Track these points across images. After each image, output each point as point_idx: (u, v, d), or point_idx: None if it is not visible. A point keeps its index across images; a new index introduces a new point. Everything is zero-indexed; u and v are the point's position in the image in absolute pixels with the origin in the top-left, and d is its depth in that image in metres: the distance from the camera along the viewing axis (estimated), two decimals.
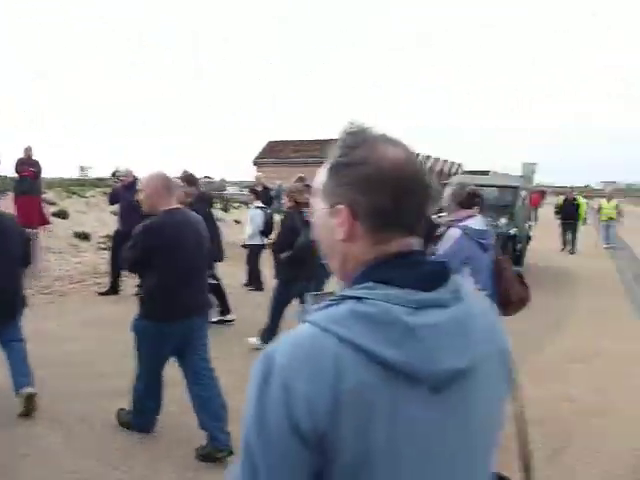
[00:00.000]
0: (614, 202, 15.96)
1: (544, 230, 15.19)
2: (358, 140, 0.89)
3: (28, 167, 11.14)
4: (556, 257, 13.37)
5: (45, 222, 11.09)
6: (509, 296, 3.55)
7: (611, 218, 15.79)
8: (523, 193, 10.95)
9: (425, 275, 0.85)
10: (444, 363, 0.80)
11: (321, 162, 0.91)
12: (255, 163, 23.74)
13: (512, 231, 9.59)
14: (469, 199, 3.67)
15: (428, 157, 32.64)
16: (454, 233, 3.51)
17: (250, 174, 24.89)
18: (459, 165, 40.05)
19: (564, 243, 14.83)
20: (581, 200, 15.33)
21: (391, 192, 0.84)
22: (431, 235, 3.86)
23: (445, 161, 36.97)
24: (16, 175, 11.40)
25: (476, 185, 10.61)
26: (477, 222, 3.61)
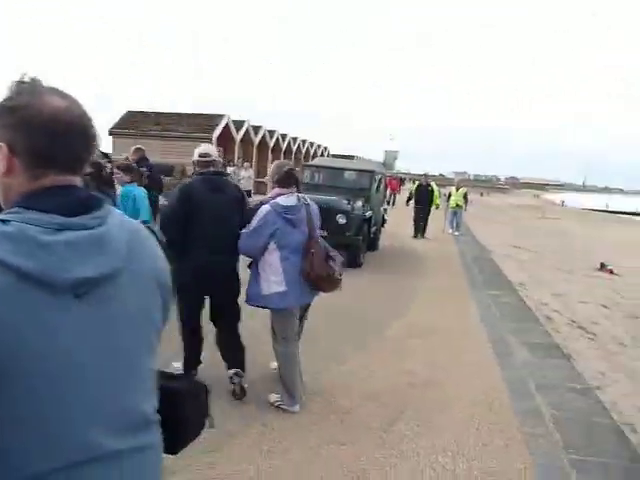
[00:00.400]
0: (462, 190, 16.76)
1: (401, 215, 16.07)
2: (25, 88, 1.04)
3: None
4: (408, 240, 14.24)
5: None
6: (310, 272, 3.81)
7: (458, 205, 16.62)
8: (378, 178, 11.39)
9: (71, 204, 1.00)
10: (75, 272, 0.94)
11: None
12: (111, 133, 22.26)
13: (367, 214, 9.95)
14: (286, 178, 3.95)
15: (294, 139, 32.93)
16: (264, 209, 3.81)
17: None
18: (325, 148, 40.96)
19: (416, 230, 15.21)
20: (435, 187, 16.01)
21: (47, 134, 0.99)
22: (101, 176, 4.81)
23: (312, 143, 37.57)
24: None
25: (335, 168, 11.12)
26: (288, 200, 3.86)
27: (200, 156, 4.14)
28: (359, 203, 9.96)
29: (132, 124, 22.70)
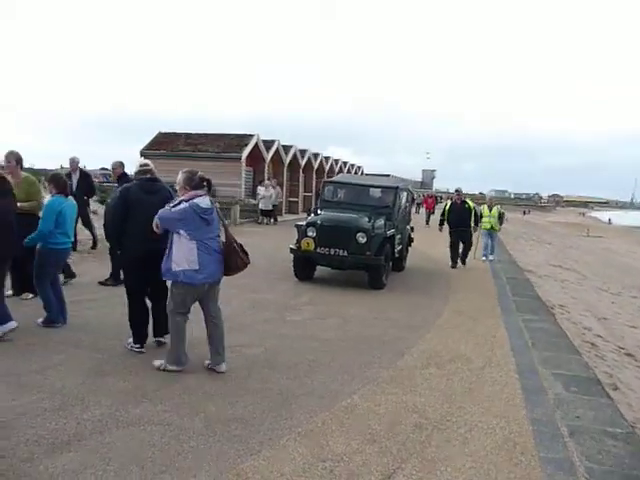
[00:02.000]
0: (496, 210, 14.02)
1: (435, 234, 14.77)
2: None
3: None
4: (439, 261, 13.38)
5: None
6: (229, 263, 4.89)
7: (493, 228, 13.81)
8: (403, 195, 10.80)
9: None
10: None
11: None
12: (142, 154, 22.43)
13: (390, 232, 9.36)
14: (199, 183, 4.74)
15: (327, 158, 32.63)
16: (184, 206, 4.61)
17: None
18: (359, 167, 40.54)
19: (453, 259, 12.45)
20: (471, 203, 12.95)
21: None
22: None
23: (345, 163, 37.24)
24: None
25: (356, 185, 10.61)
26: (203, 201, 4.69)
27: (140, 166, 5.40)
28: (381, 221, 9.39)
29: (163, 145, 22.83)
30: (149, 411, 3.87)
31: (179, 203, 4.67)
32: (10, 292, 6.85)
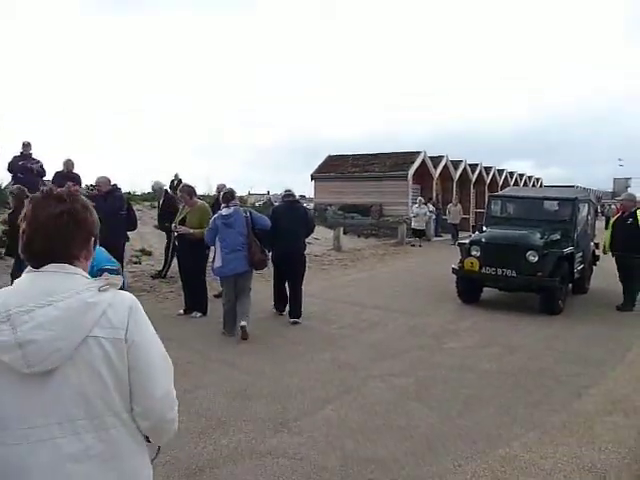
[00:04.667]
0: None
1: None
2: None
3: (67, 181, 11.20)
4: None
5: None
6: (252, 259, 6.35)
7: None
8: (585, 207, 9.52)
9: None
10: None
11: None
12: (312, 177, 23.32)
13: (567, 250, 8.26)
14: (225, 198, 6.60)
15: (500, 171, 30.83)
16: (214, 217, 6.55)
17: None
18: (537, 179, 37.69)
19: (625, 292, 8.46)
20: None
21: None
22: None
23: (521, 175, 34.89)
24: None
25: (527, 198, 9.62)
26: (226, 210, 6.45)
27: (285, 191, 7.74)
28: (556, 237, 8.36)
29: (332, 167, 23.52)
30: (285, 442, 3.71)
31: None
32: (181, 311, 7.38)
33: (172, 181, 20.11)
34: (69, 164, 11.42)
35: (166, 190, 10.30)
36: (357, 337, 6.61)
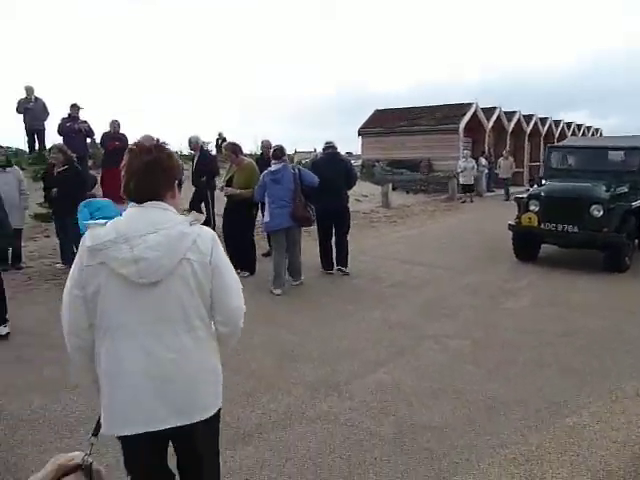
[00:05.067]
0: None
1: None
2: None
3: (114, 141, 11.24)
4: None
5: None
6: (295, 215, 6.40)
7: None
8: None
9: None
10: None
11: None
12: (359, 133, 22.71)
13: (635, 203, 7.67)
14: (275, 154, 6.64)
15: (557, 122, 29.26)
16: (263, 173, 6.64)
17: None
18: (597, 130, 35.66)
19: None
20: None
21: None
22: None
23: (579, 126, 33.08)
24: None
25: (590, 148, 8.95)
26: (275, 167, 6.52)
27: (326, 143, 7.59)
28: (623, 190, 7.77)
29: (379, 122, 22.81)
30: (336, 407, 3.57)
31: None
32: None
33: (217, 139, 20.04)
34: (115, 125, 11.48)
35: (202, 145, 9.99)
36: (408, 295, 6.38)
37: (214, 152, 15.37)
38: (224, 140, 18.88)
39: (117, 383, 1.75)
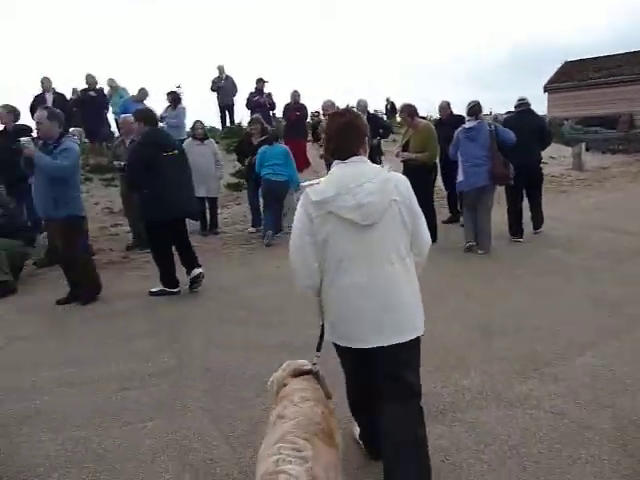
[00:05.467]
0: None
1: None
2: None
3: (295, 111, 11.60)
4: None
5: (309, 164, 11.52)
6: (494, 172, 6.22)
7: None
8: None
9: None
10: None
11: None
12: (546, 89, 20.63)
13: None
14: (472, 110, 6.49)
15: None
16: (457, 130, 6.57)
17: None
18: None
19: None
20: None
21: None
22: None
23: None
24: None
25: None
26: (470, 124, 6.43)
27: (519, 100, 7.18)
28: None
29: (569, 76, 20.58)
30: (537, 391, 3.20)
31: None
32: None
33: (385, 105, 19.70)
34: (296, 95, 11.81)
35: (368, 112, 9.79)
36: (615, 269, 5.60)
37: (385, 118, 15.18)
38: (392, 105, 18.50)
39: (345, 304, 2.12)
